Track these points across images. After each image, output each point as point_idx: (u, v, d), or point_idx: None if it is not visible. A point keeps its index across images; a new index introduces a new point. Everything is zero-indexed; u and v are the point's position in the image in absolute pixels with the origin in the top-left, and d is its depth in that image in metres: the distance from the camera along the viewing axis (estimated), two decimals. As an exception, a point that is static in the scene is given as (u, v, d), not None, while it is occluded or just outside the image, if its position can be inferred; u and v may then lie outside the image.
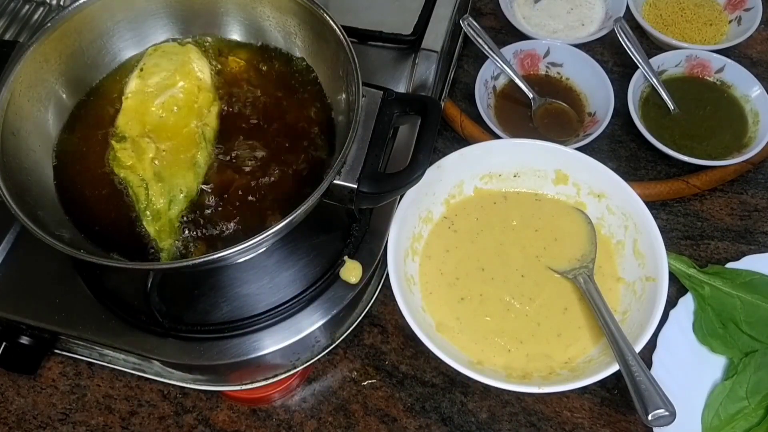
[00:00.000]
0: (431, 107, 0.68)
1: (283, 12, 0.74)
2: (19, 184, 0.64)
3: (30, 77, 0.68)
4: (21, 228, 0.75)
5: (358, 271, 0.72)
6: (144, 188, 0.68)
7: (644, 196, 0.78)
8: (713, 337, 0.76)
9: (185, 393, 0.77)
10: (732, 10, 1.04)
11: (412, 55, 0.87)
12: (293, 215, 0.58)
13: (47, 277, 0.74)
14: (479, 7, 1.09)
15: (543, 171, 0.81)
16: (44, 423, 0.76)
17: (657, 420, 0.62)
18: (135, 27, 0.75)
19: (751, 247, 0.86)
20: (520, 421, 0.75)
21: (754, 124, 0.91)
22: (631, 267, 0.76)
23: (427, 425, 0.75)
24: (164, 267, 0.65)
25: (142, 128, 0.71)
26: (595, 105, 0.94)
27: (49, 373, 0.79)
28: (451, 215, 0.81)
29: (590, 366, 0.70)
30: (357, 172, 0.65)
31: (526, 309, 0.75)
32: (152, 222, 0.66)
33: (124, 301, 0.71)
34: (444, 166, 0.79)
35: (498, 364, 0.71)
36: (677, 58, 0.96)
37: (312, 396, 0.77)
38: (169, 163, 0.69)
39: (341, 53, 0.67)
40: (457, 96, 0.99)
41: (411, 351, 0.79)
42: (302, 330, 0.70)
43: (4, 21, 0.97)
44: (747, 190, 0.91)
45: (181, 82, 0.73)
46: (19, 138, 0.67)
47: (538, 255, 0.78)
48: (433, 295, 0.76)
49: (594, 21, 1.04)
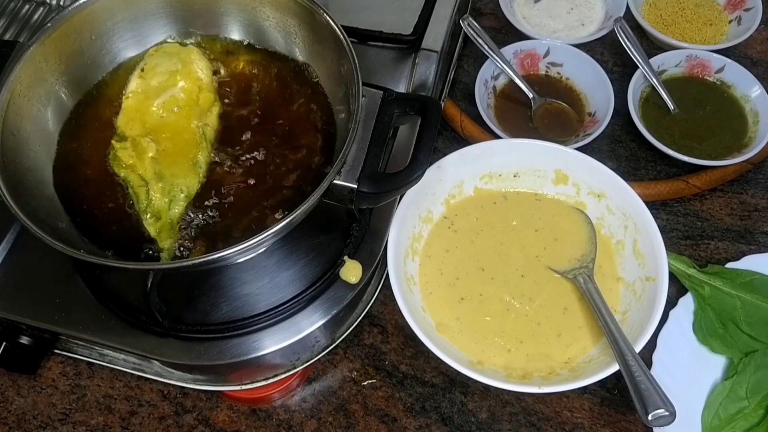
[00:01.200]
0: (431, 107, 0.68)
1: (283, 12, 0.74)
2: (19, 184, 0.64)
3: (30, 77, 0.68)
4: (21, 228, 0.75)
5: (358, 271, 0.72)
6: (144, 188, 0.68)
7: (644, 196, 0.78)
8: (713, 337, 0.76)
9: (185, 393, 0.77)
10: (732, 10, 1.04)
11: (412, 55, 0.87)
12: (293, 215, 0.58)
13: (47, 277, 0.74)
14: (479, 7, 1.09)
15: (543, 171, 0.81)
16: (44, 423, 0.76)
17: (657, 420, 0.62)
18: (135, 27, 0.75)
19: (751, 247, 0.86)
20: (520, 421, 0.75)
21: (754, 124, 0.91)
22: (631, 267, 0.76)
23: (427, 425, 0.75)
24: (164, 267, 0.65)
25: (143, 128, 0.71)
26: (595, 105, 0.94)
27: (49, 373, 0.79)
28: (451, 215, 0.81)
29: (590, 366, 0.70)
30: (357, 172, 0.65)
31: (526, 309, 0.75)
32: (152, 222, 0.67)
33: (124, 301, 0.71)
34: (444, 166, 0.79)
35: (498, 364, 0.71)
36: (677, 58, 0.96)
37: (312, 396, 0.77)
38: (170, 162, 0.69)
39: (341, 53, 0.67)
40: (457, 96, 0.99)
41: (411, 351, 0.79)
42: (302, 330, 0.70)
43: (4, 21, 0.97)
44: (747, 190, 0.91)
45: (181, 82, 0.73)
46: (19, 138, 0.66)
47: (538, 255, 0.78)
48: (433, 295, 0.76)
49: (594, 21, 1.04)
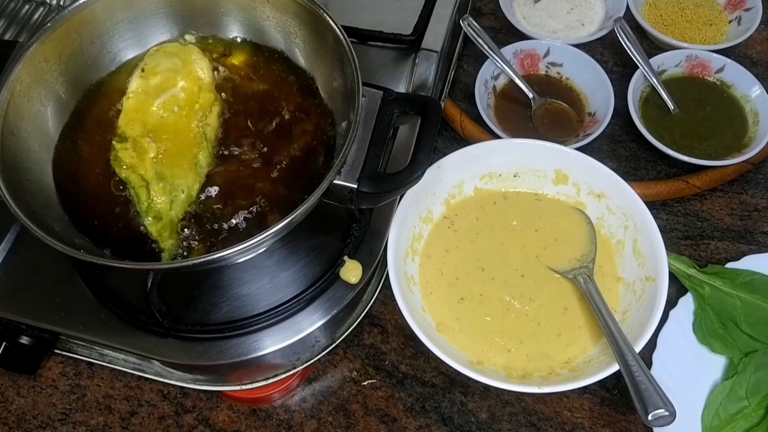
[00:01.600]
0: (431, 107, 0.68)
1: (283, 12, 0.73)
2: (19, 184, 0.64)
3: (30, 77, 0.68)
4: (21, 228, 0.75)
5: (358, 271, 0.72)
6: (145, 188, 0.68)
7: (644, 196, 0.78)
8: (713, 337, 0.76)
9: (185, 393, 0.77)
10: (732, 10, 1.04)
11: (412, 55, 0.87)
12: (293, 215, 0.58)
13: (47, 277, 0.74)
14: (479, 7, 1.09)
15: (543, 171, 0.81)
16: (44, 423, 0.76)
17: (657, 420, 0.62)
18: (135, 27, 0.75)
19: (751, 247, 0.86)
20: (520, 421, 0.75)
21: (754, 124, 0.91)
22: (631, 267, 0.76)
23: (427, 425, 0.75)
24: (164, 267, 0.65)
25: (143, 128, 0.71)
26: (595, 105, 0.94)
27: (49, 373, 0.79)
28: (451, 215, 0.81)
29: (590, 366, 0.70)
30: (357, 172, 0.65)
31: (526, 309, 0.75)
32: (153, 222, 0.67)
33: (124, 301, 0.71)
34: (444, 166, 0.79)
35: (498, 364, 0.71)
36: (677, 58, 0.96)
37: (312, 396, 0.77)
38: (170, 162, 0.69)
39: (341, 53, 0.67)
40: (457, 96, 0.99)
41: (411, 351, 0.79)
42: (302, 330, 0.70)
43: (4, 21, 0.97)
44: (747, 190, 0.91)
45: (182, 82, 0.73)
46: (19, 138, 0.66)
47: (538, 255, 0.78)
48: (433, 295, 0.76)
49: (594, 21, 1.04)
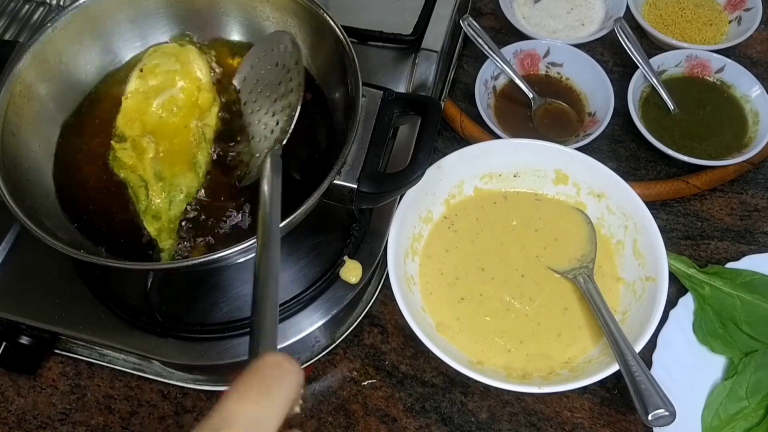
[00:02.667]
0: (431, 107, 0.68)
1: (283, 12, 0.73)
2: (19, 184, 0.64)
3: (30, 77, 0.68)
4: (21, 228, 0.75)
5: (358, 271, 0.72)
6: (144, 188, 0.68)
7: (644, 196, 0.78)
8: (713, 337, 0.76)
9: (185, 393, 0.77)
10: (732, 10, 1.04)
11: (412, 55, 0.87)
12: (293, 215, 0.58)
13: (47, 277, 0.74)
14: (479, 7, 1.09)
15: (543, 171, 0.81)
16: (44, 423, 0.76)
17: (657, 420, 0.62)
18: (135, 27, 0.75)
19: (751, 247, 0.86)
20: (520, 421, 0.75)
21: (754, 124, 0.91)
22: (631, 267, 0.76)
23: (427, 425, 0.75)
24: (164, 267, 0.65)
25: (142, 128, 0.71)
26: (595, 105, 0.94)
27: (49, 373, 0.79)
28: (451, 215, 0.81)
29: (590, 366, 0.70)
30: (357, 172, 0.65)
31: (526, 309, 0.75)
32: (152, 222, 0.66)
33: (124, 301, 0.71)
34: (444, 166, 0.79)
35: (498, 364, 0.71)
36: (677, 58, 0.96)
37: (312, 396, 0.77)
38: (170, 163, 0.69)
39: (341, 53, 0.67)
40: (457, 96, 0.99)
41: (411, 351, 0.79)
42: (302, 330, 0.70)
43: (4, 21, 0.97)
44: (747, 190, 0.91)
45: (180, 82, 0.73)
46: (19, 138, 0.66)
47: (538, 255, 0.78)
48: (433, 295, 0.76)
49: (594, 21, 1.04)
